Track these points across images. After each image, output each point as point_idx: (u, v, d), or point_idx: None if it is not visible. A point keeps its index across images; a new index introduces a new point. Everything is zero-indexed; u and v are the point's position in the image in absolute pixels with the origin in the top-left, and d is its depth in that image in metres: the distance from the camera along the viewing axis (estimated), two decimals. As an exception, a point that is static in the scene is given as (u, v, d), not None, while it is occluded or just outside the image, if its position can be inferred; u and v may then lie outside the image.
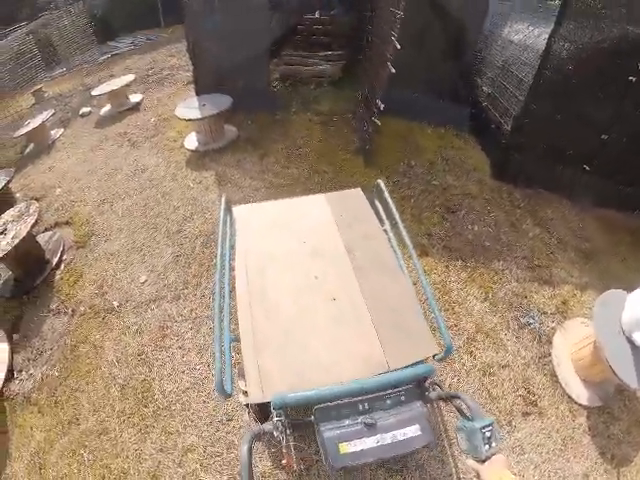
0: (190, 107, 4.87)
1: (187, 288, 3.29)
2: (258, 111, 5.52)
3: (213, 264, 3.40)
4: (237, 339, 1.84)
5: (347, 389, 1.49)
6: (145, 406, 2.61)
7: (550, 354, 2.75)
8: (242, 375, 1.73)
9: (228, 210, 2.45)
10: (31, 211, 3.73)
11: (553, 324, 2.92)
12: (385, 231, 2.36)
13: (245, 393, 1.77)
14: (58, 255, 3.97)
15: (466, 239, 3.60)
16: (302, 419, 1.62)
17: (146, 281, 3.42)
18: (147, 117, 6.32)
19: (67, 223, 4.40)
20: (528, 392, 2.56)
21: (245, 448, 1.36)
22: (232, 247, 2.26)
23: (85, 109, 7.21)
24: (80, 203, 4.62)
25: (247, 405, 2.38)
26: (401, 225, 2.18)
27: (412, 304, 1.92)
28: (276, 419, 1.44)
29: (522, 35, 4.77)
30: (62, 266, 3.86)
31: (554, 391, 2.58)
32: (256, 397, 1.58)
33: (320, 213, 2.43)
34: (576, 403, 2.51)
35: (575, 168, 3.92)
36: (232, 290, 2.04)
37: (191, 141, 5.15)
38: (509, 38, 4.94)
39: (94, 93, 6.72)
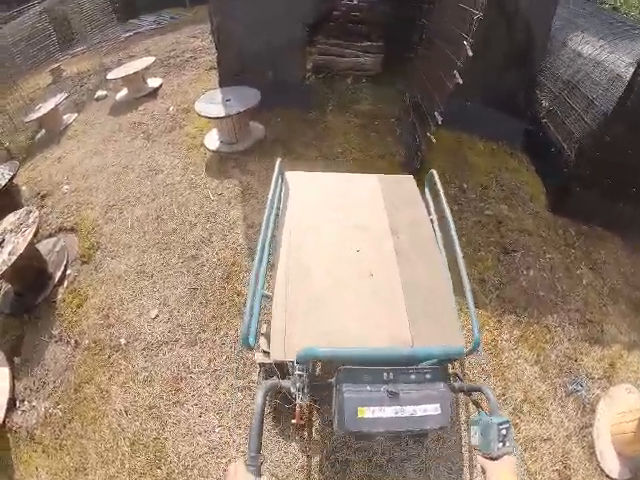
0: (212, 101, 4.29)
1: (204, 332, 2.82)
2: (289, 107, 4.89)
3: (234, 304, 2.94)
4: (270, 297, 1.86)
5: (376, 354, 1.51)
6: (158, 467, 2.34)
7: (592, 424, 2.62)
8: (264, 334, 1.78)
9: (281, 174, 2.43)
10: (30, 221, 3.27)
11: (598, 390, 2.76)
12: (432, 221, 2.35)
13: (264, 352, 1.79)
14: (62, 269, 3.55)
15: (520, 287, 3.25)
16: (320, 382, 1.68)
17: (157, 317, 2.96)
18: (165, 106, 5.77)
19: (72, 229, 3.95)
20: (565, 467, 2.43)
21: (260, 394, 1.38)
22: (279, 210, 2.26)
23: (101, 92, 6.71)
24: (87, 206, 4.15)
25: (260, 365, 2.30)
26: (450, 217, 2.14)
27: (447, 296, 1.91)
28: (297, 373, 1.44)
29: (592, 48, 4.06)
30: (65, 283, 3.44)
31: (589, 464, 2.46)
32: (279, 355, 1.60)
33: (371, 192, 2.43)
34: (608, 477, 2.41)
35: (636, 206, 3.62)
36: (272, 252, 2.05)
37: (212, 139, 4.59)
38: (577, 49, 4.20)
39: (110, 77, 6.19)
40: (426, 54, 4.35)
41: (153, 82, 6.53)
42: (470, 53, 2.80)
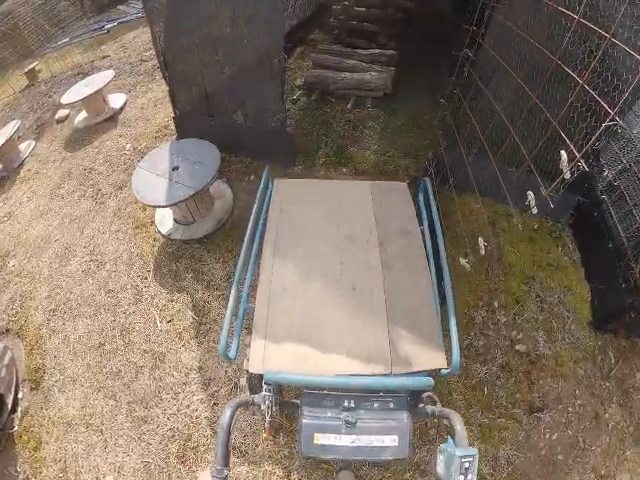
0: (155, 171, 3.21)
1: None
2: (266, 158, 3.74)
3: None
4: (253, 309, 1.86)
5: (338, 382, 1.53)
6: None
7: None
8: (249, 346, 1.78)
9: (269, 181, 2.42)
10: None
11: None
12: (422, 231, 2.25)
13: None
14: (12, 391, 2.93)
15: (538, 455, 2.64)
16: (291, 400, 1.77)
17: (114, 486, 2.39)
18: (122, 142, 4.75)
19: (18, 334, 3.34)
20: None
21: (228, 412, 1.41)
22: (265, 219, 2.24)
23: (62, 112, 5.76)
24: (30, 302, 3.49)
25: (247, 371, 2.22)
26: (439, 229, 2.08)
27: (431, 312, 1.85)
28: (265, 393, 1.52)
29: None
30: (19, 411, 2.89)
31: None
32: (256, 367, 1.61)
33: (361, 200, 2.37)
34: None
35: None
36: (257, 261, 2.06)
37: (164, 216, 3.59)
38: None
39: (64, 101, 5.17)
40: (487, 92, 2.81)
41: (116, 101, 5.48)
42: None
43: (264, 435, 1.47)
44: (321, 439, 1.38)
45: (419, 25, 5.18)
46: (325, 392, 1.48)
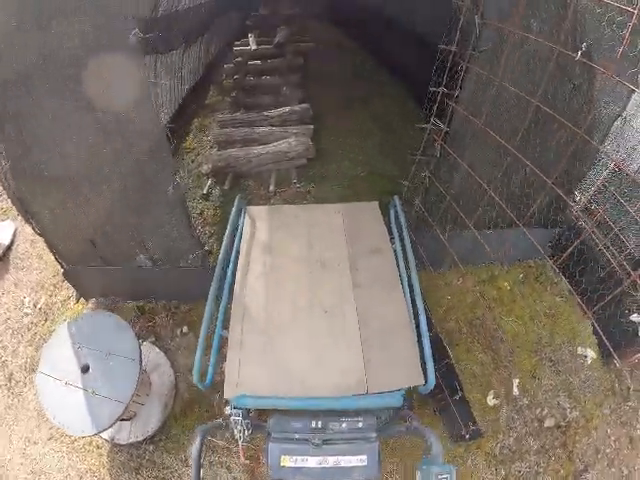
0: (61, 376, 2.43)
1: None
2: (194, 296, 3.06)
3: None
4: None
5: (305, 405, 1.53)
6: None
7: None
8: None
9: (241, 209, 2.50)
10: None
11: None
12: (394, 250, 2.30)
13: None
14: None
15: None
16: (263, 422, 1.64)
17: None
18: (20, 295, 3.86)
19: None
20: None
21: (198, 439, 1.44)
22: (238, 247, 2.31)
23: None
24: None
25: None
26: (409, 246, 2.16)
27: (406, 329, 1.87)
28: (233, 418, 1.48)
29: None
30: None
31: None
32: (230, 392, 1.63)
33: (332, 223, 2.42)
34: None
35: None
36: (231, 290, 2.10)
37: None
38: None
39: None
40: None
41: (3, 233, 4.51)
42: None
43: (241, 459, 1.49)
44: (289, 462, 1.38)
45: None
46: (293, 414, 1.48)
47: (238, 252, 2.26)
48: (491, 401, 2.66)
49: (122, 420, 2.72)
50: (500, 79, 2.18)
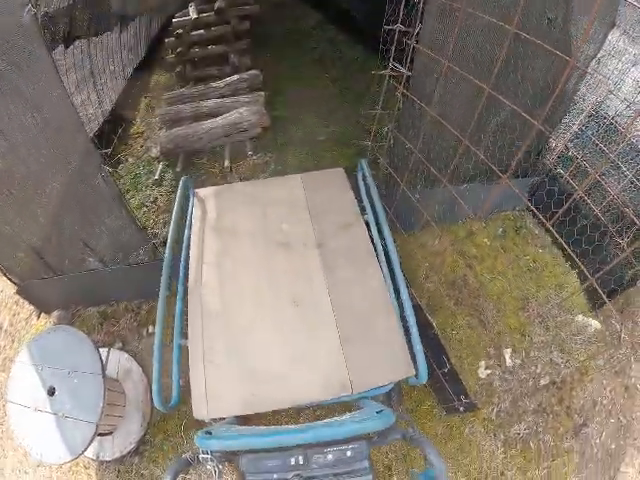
0: (28, 402, 2.13)
1: None
2: (150, 295, 2.82)
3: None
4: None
5: (280, 439, 1.26)
6: None
7: None
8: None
9: (187, 191, 2.16)
10: None
11: None
12: (367, 222, 2.00)
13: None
14: None
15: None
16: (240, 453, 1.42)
17: None
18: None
19: None
20: None
21: (170, 475, 1.23)
22: (188, 236, 2.01)
23: None
24: None
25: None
26: (382, 216, 1.90)
27: (388, 315, 1.64)
28: (202, 456, 1.26)
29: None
30: None
31: None
32: (200, 413, 1.44)
33: (292, 197, 2.12)
34: None
35: None
36: (185, 289, 1.84)
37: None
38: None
39: None
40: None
41: None
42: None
43: None
44: None
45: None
46: (265, 453, 1.25)
47: (189, 243, 1.97)
48: (483, 373, 2.52)
49: (103, 435, 2.49)
50: (466, 6, 1.86)
